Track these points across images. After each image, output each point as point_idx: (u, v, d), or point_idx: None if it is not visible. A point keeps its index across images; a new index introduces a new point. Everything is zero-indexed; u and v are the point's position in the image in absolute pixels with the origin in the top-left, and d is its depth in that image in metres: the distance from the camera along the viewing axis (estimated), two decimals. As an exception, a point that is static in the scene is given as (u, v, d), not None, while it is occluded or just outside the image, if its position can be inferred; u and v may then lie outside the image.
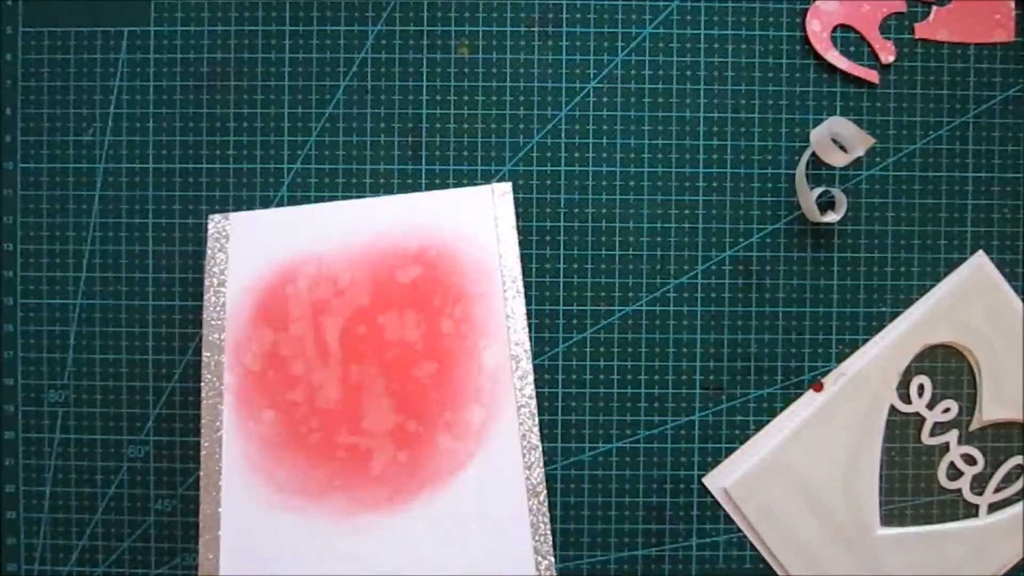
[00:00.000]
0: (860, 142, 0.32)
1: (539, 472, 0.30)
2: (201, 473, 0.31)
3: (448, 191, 0.33)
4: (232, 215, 0.33)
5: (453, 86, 0.34)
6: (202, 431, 0.31)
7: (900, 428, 0.34)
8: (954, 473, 0.34)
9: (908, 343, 0.34)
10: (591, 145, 0.34)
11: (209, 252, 0.32)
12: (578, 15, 0.34)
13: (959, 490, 0.34)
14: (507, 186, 0.33)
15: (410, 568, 0.30)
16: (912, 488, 0.34)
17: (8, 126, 0.34)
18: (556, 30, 0.34)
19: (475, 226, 0.32)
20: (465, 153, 0.34)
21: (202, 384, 0.31)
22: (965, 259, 0.34)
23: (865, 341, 0.34)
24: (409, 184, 0.34)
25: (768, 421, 0.34)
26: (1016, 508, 0.34)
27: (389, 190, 0.34)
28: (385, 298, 0.32)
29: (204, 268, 0.32)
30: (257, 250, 0.32)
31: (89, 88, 0.34)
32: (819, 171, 0.34)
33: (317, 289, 0.32)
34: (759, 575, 0.34)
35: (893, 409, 0.34)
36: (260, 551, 0.30)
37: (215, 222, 0.33)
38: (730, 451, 0.34)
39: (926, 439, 0.34)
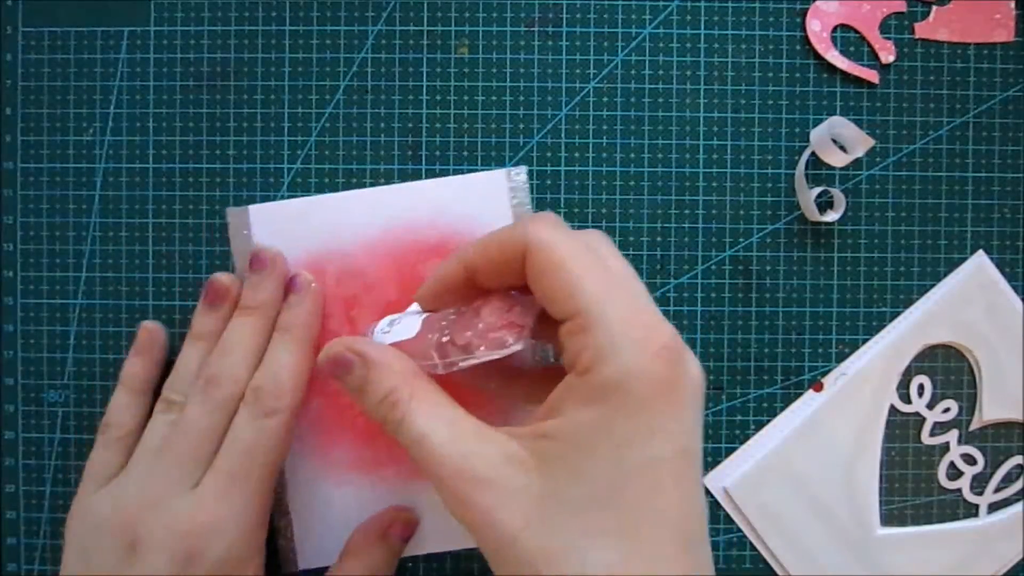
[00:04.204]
0: (860, 143, 0.32)
1: None
2: None
3: (463, 176, 0.33)
4: (250, 208, 0.33)
5: (453, 86, 0.34)
6: None
7: (900, 428, 0.34)
8: (954, 473, 0.34)
9: (908, 343, 0.34)
10: (591, 145, 0.34)
11: (233, 245, 0.33)
12: (578, 15, 0.34)
13: (959, 490, 0.34)
14: (522, 169, 0.33)
15: (455, 528, 0.32)
16: (912, 488, 0.34)
17: (8, 126, 0.34)
18: (556, 30, 0.34)
19: (491, 213, 0.32)
20: (465, 153, 0.34)
21: None
22: (965, 259, 0.34)
23: (865, 341, 0.34)
24: (409, 184, 0.34)
25: (768, 421, 0.34)
26: (1016, 508, 0.34)
27: (389, 190, 0.33)
28: (412, 292, 0.32)
29: (231, 262, 0.33)
30: (282, 244, 0.32)
31: (89, 88, 0.34)
32: (819, 171, 0.34)
33: (345, 284, 0.32)
34: (759, 575, 0.34)
35: (893, 409, 0.34)
36: (325, 519, 0.33)
37: (234, 215, 0.33)
38: (730, 451, 0.34)
39: (926, 439, 0.34)
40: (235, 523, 0.28)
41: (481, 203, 0.32)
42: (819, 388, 0.34)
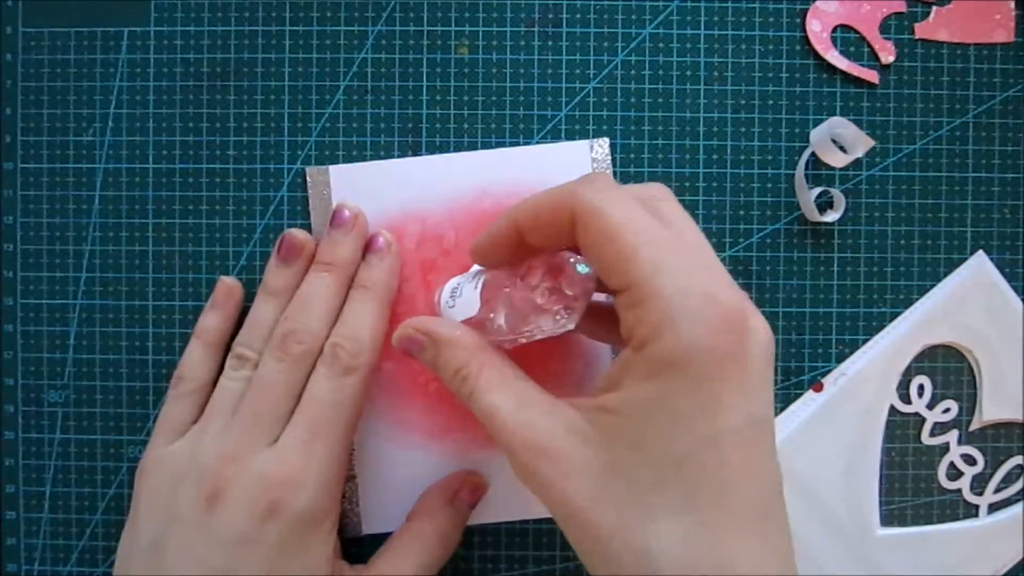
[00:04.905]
0: (860, 143, 0.32)
1: None
2: None
3: (545, 145, 0.33)
4: (331, 167, 0.33)
5: (453, 86, 0.34)
6: None
7: (900, 428, 0.34)
8: (954, 473, 0.34)
9: (908, 343, 0.34)
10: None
11: (312, 204, 0.33)
12: (578, 15, 0.34)
13: (959, 490, 0.34)
14: (605, 141, 0.33)
15: (523, 496, 0.32)
16: (912, 488, 0.34)
17: (8, 126, 0.34)
18: (556, 30, 0.34)
19: None
20: (465, 153, 0.34)
21: None
22: (965, 259, 0.34)
23: (865, 341, 0.34)
24: (409, 184, 0.34)
25: (768, 421, 0.34)
26: (1016, 508, 0.34)
27: (389, 190, 0.33)
28: None
29: (310, 217, 0.33)
30: (361, 205, 0.32)
31: (89, 88, 0.34)
32: (819, 171, 0.34)
33: (424, 248, 0.32)
34: (759, 575, 0.34)
35: (893, 409, 0.34)
36: (391, 484, 0.33)
37: (314, 174, 0.33)
38: (730, 451, 0.34)
39: (926, 439, 0.34)
40: (316, 478, 0.28)
41: (563, 174, 0.32)
42: (819, 388, 0.34)
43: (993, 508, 0.34)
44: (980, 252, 0.34)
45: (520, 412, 0.24)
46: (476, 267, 0.29)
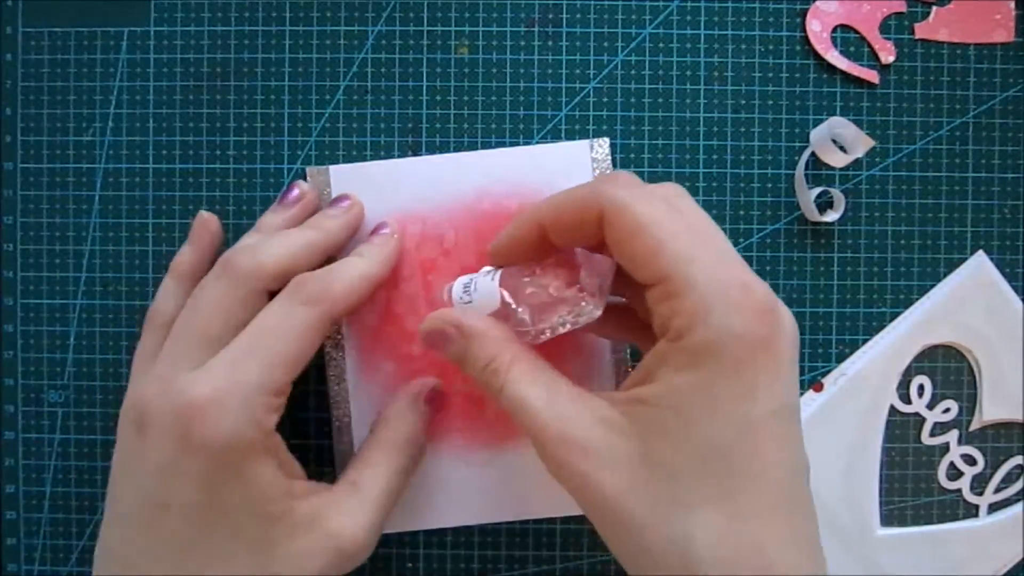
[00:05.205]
0: (860, 143, 0.32)
1: None
2: (332, 418, 0.32)
3: (545, 145, 0.33)
4: (331, 167, 0.33)
5: (453, 86, 0.34)
6: (328, 381, 0.32)
7: (900, 428, 0.34)
8: (954, 473, 0.34)
9: (908, 343, 0.34)
10: (591, 145, 0.34)
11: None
12: (578, 15, 0.34)
13: (959, 490, 0.34)
14: (605, 141, 0.33)
15: (523, 496, 0.32)
16: (912, 488, 0.34)
17: (8, 126, 0.34)
18: (556, 30, 0.34)
19: (573, 184, 0.32)
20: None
21: None
22: (965, 259, 0.34)
23: (865, 341, 0.34)
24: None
25: (768, 421, 0.34)
26: (1016, 508, 0.34)
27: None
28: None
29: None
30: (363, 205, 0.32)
31: (89, 88, 0.34)
32: (819, 171, 0.34)
33: (424, 248, 0.32)
34: (759, 575, 0.34)
35: (893, 409, 0.34)
36: None
37: (314, 174, 0.33)
38: (730, 451, 0.34)
39: (926, 439, 0.34)
40: (238, 404, 0.25)
41: (563, 174, 0.32)
42: (819, 388, 0.34)
43: (993, 508, 0.34)
44: (980, 252, 0.34)
45: (552, 404, 0.24)
46: (486, 268, 0.29)
